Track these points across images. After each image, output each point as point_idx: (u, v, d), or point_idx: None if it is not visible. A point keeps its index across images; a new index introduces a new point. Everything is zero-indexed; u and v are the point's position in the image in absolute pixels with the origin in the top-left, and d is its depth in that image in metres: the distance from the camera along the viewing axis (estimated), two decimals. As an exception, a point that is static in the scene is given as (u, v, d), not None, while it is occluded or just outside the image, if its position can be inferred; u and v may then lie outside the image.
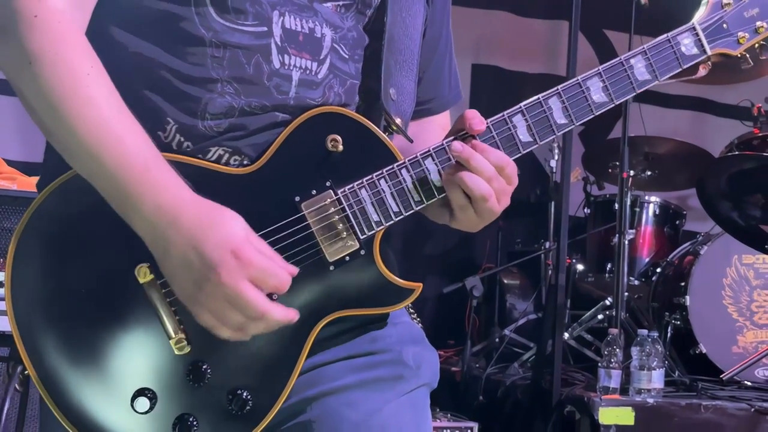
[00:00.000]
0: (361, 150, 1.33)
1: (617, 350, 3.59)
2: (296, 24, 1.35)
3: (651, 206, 4.94)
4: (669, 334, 4.33)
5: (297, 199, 1.31)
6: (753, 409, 3.53)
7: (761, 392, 3.85)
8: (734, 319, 4.30)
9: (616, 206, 4.29)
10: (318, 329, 1.33)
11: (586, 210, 5.17)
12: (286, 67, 1.34)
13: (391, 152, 1.35)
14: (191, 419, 1.29)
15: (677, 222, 5.01)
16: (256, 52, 1.32)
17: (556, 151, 4.99)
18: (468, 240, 5.80)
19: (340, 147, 1.32)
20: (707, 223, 4.66)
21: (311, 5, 1.37)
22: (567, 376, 3.99)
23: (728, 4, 1.47)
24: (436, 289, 5.08)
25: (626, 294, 4.19)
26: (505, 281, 5.21)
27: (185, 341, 1.28)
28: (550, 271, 4.85)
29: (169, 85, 1.30)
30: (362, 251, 1.32)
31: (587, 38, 5.96)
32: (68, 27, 1.23)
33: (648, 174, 4.96)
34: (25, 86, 1.22)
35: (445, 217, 1.39)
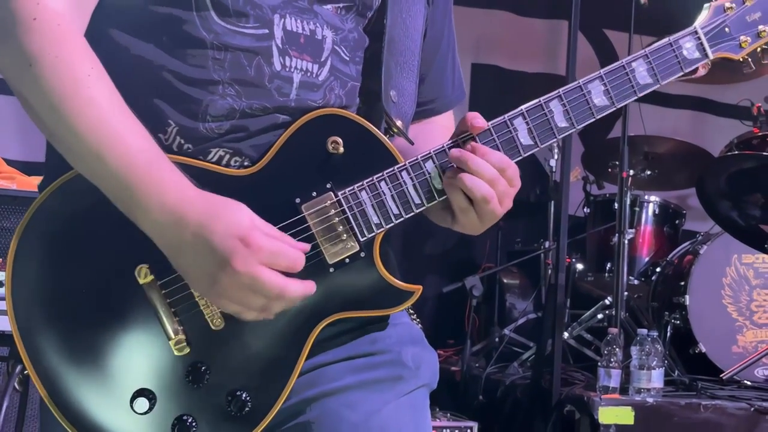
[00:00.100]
0: (362, 152, 1.33)
1: (617, 350, 3.59)
2: (297, 26, 1.35)
3: (651, 206, 4.94)
4: (668, 334, 4.33)
5: (297, 200, 1.31)
6: (753, 409, 3.53)
7: (761, 392, 3.85)
8: (734, 319, 4.30)
9: (616, 206, 4.28)
10: (318, 331, 1.32)
11: (585, 209, 5.17)
12: (287, 69, 1.34)
13: (392, 154, 1.34)
14: (190, 420, 1.29)
15: (677, 221, 5.01)
16: (258, 54, 1.32)
17: (555, 150, 4.98)
18: (468, 239, 5.79)
19: (341, 149, 1.32)
20: (707, 223, 4.66)
21: (311, 7, 1.37)
22: (567, 375, 3.99)
23: (730, 8, 1.46)
24: (435, 288, 5.08)
25: (626, 293, 4.19)
26: (505, 281, 5.21)
27: (185, 342, 1.28)
28: (549, 271, 4.85)
29: (171, 87, 1.30)
30: (362, 253, 1.32)
31: (587, 38, 5.96)
32: (67, 29, 1.23)
33: (648, 173, 4.96)
34: (26, 88, 1.22)
35: (447, 220, 1.39)
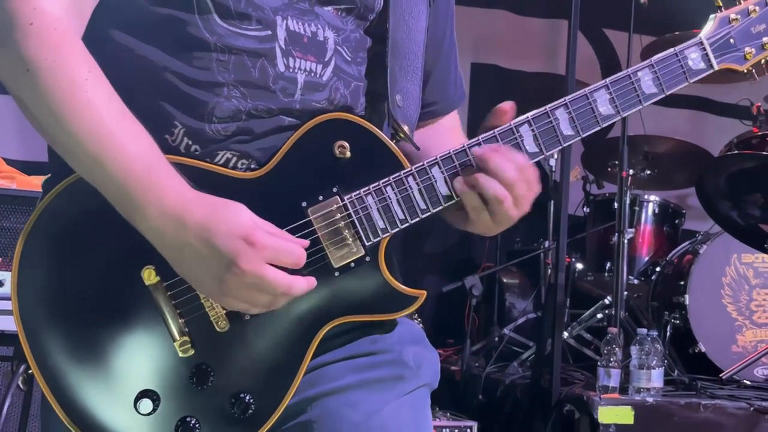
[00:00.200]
0: (369, 157, 1.34)
1: (616, 349, 3.59)
2: (299, 27, 1.35)
3: (650, 205, 4.94)
4: (668, 333, 4.33)
5: (304, 204, 1.31)
6: (752, 408, 3.53)
7: (760, 391, 3.84)
8: (733, 318, 4.31)
9: (616, 205, 4.28)
10: (322, 334, 1.33)
11: (585, 209, 5.17)
12: (291, 70, 1.34)
13: (398, 159, 1.35)
14: (194, 422, 1.29)
15: (676, 221, 5.01)
16: (261, 55, 1.32)
17: (555, 150, 4.97)
18: (467, 239, 5.80)
19: (348, 153, 1.32)
20: (706, 222, 4.66)
21: (312, 9, 1.37)
22: (566, 375, 3.99)
23: (735, 19, 1.47)
24: (435, 288, 5.07)
25: (625, 293, 4.19)
26: (505, 280, 5.21)
27: (189, 344, 1.28)
28: (549, 270, 4.84)
29: (176, 89, 1.30)
30: (367, 258, 1.33)
31: (586, 37, 5.96)
32: (64, 33, 1.22)
33: (647, 173, 4.96)
34: (24, 93, 1.22)
35: (461, 220, 1.39)
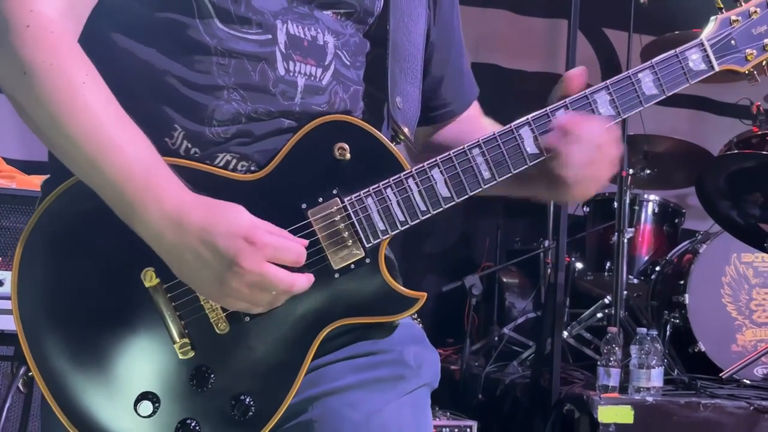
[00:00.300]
0: (368, 158, 1.34)
1: (616, 349, 3.59)
2: (299, 31, 1.36)
3: (650, 204, 4.93)
4: (668, 333, 4.34)
5: (304, 206, 1.31)
6: (752, 408, 3.53)
7: (760, 390, 3.85)
8: (733, 318, 4.31)
9: (615, 204, 4.28)
10: (322, 336, 1.33)
11: (585, 208, 5.17)
12: (291, 73, 1.34)
13: (398, 161, 1.35)
14: (194, 424, 1.29)
15: (676, 220, 5.01)
16: (262, 59, 1.32)
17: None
18: (467, 238, 5.80)
19: (348, 155, 1.32)
20: (706, 222, 4.66)
21: (312, 13, 1.37)
22: (566, 374, 3.99)
23: (736, 20, 1.47)
24: (435, 287, 5.08)
25: (625, 292, 4.19)
26: (505, 280, 5.21)
27: (189, 346, 1.28)
28: (549, 270, 4.84)
29: (176, 92, 1.30)
30: (367, 259, 1.33)
31: (586, 37, 5.95)
32: (61, 36, 1.22)
33: (647, 172, 4.95)
34: (22, 97, 1.21)
35: (540, 188, 1.42)
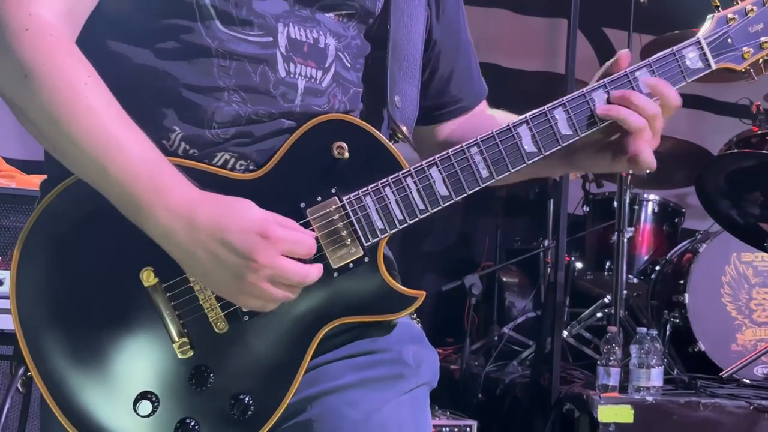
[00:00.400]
0: (367, 157, 1.34)
1: (616, 348, 3.59)
2: (301, 34, 1.36)
3: (650, 204, 4.94)
4: (668, 332, 4.34)
5: (302, 205, 1.31)
6: (752, 407, 3.53)
7: (760, 390, 3.85)
8: (733, 317, 4.31)
9: (615, 204, 4.29)
10: (321, 335, 1.33)
11: (585, 208, 5.17)
12: (291, 75, 1.34)
13: (397, 160, 1.35)
14: (193, 423, 1.29)
15: (676, 220, 5.01)
16: (262, 61, 1.32)
17: (555, 148, 4.96)
18: (467, 238, 5.80)
19: (346, 154, 1.32)
20: (706, 221, 4.66)
21: (313, 16, 1.37)
22: (566, 374, 3.99)
23: (733, 19, 1.47)
24: (435, 287, 5.08)
25: (625, 292, 4.19)
26: (504, 279, 5.21)
27: (188, 345, 1.28)
28: (549, 269, 4.85)
29: (176, 94, 1.30)
30: (366, 258, 1.32)
31: (586, 36, 5.95)
32: (60, 38, 1.22)
33: (647, 172, 4.94)
34: (23, 100, 1.21)
35: (604, 160, 1.51)
